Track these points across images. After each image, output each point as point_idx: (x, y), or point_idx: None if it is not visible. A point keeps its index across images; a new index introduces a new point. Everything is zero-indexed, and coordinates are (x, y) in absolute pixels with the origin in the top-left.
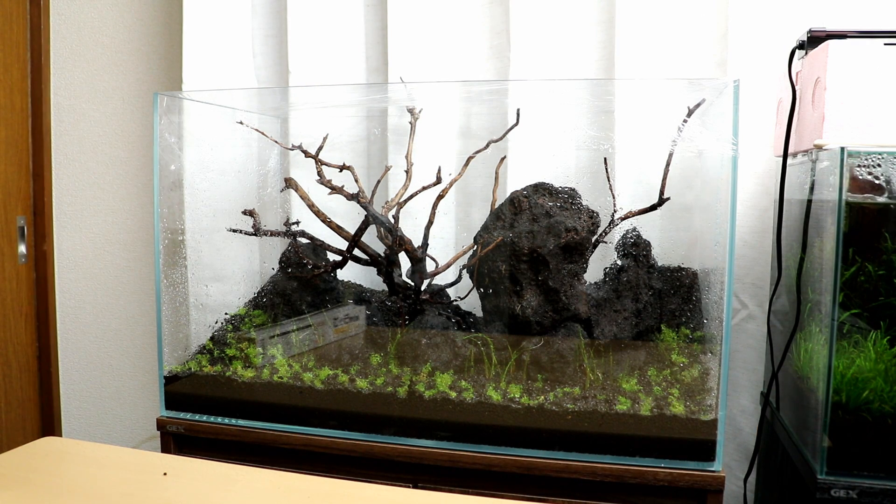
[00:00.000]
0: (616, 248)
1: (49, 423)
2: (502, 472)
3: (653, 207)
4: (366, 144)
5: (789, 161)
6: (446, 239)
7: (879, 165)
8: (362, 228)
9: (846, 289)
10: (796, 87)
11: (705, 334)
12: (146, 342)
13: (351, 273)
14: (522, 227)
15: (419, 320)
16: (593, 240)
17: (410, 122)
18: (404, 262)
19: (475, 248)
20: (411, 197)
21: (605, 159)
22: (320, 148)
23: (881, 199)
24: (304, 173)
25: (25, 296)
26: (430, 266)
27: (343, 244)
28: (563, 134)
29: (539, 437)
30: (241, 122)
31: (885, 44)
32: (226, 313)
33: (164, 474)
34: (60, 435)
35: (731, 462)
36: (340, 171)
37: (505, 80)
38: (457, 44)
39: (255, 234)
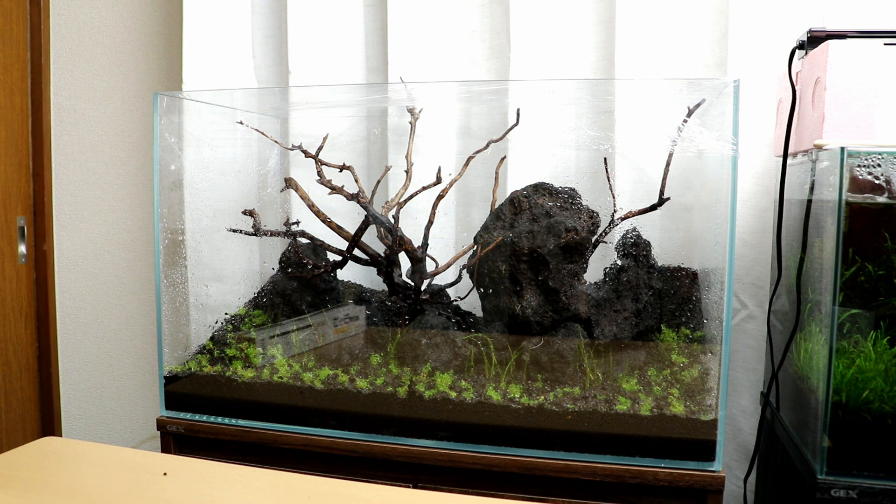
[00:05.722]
0: (616, 248)
1: (49, 423)
2: (502, 472)
3: (653, 207)
4: (366, 144)
5: (789, 161)
6: (446, 239)
7: (879, 165)
8: (362, 228)
9: (846, 289)
10: (796, 88)
11: (705, 334)
12: (146, 342)
13: (351, 273)
14: (522, 227)
15: (419, 320)
16: (593, 240)
17: (410, 122)
18: (404, 262)
19: (475, 248)
20: (411, 197)
21: (605, 159)
22: (320, 148)
23: (881, 199)
24: (304, 173)
25: (25, 296)
26: (430, 266)
27: (343, 244)
28: (563, 134)
29: (539, 437)
30: (241, 122)
31: (885, 44)
32: (226, 313)
33: (164, 474)
34: (60, 435)
35: (731, 462)
36: (340, 171)
37: (505, 80)
38: (457, 44)
39: (255, 234)
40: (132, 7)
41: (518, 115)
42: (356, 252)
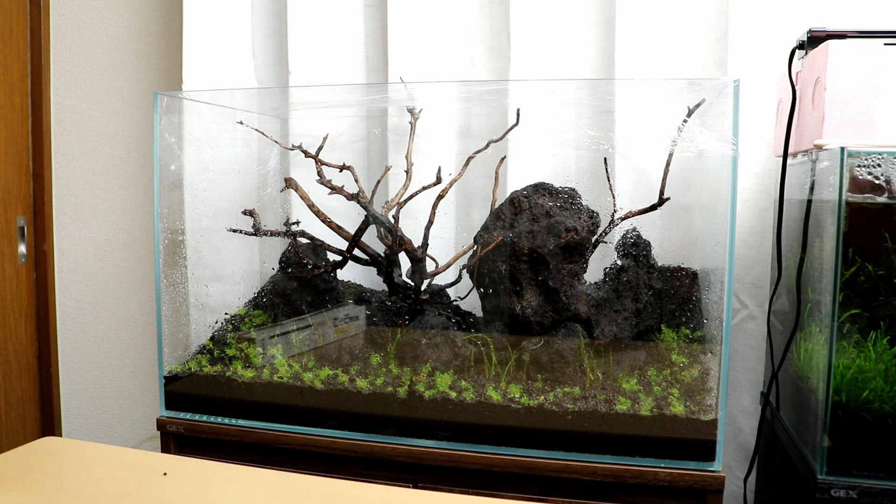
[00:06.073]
0: (616, 248)
1: (49, 423)
2: (502, 472)
3: (653, 207)
4: (366, 144)
5: (789, 161)
6: (446, 239)
7: (879, 165)
8: (362, 228)
9: (846, 289)
10: (796, 87)
11: (705, 334)
12: (146, 342)
13: (351, 273)
14: (522, 227)
15: (419, 320)
16: (593, 240)
17: (410, 122)
18: (404, 262)
19: (475, 248)
20: (411, 197)
21: (605, 159)
22: (320, 148)
23: (881, 199)
24: (304, 173)
25: (25, 296)
26: (430, 266)
27: (343, 244)
28: (563, 134)
29: (539, 437)
30: (241, 122)
31: (885, 44)
32: (226, 313)
33: (164, 474)
34: (60, 435)
35: (731, 462)
36: (340, 171)
37: (505, 80)
38: (457, 44)
39: (255, 234)
40: (132, 7)
41: (518, 115)
42: (356, 252)
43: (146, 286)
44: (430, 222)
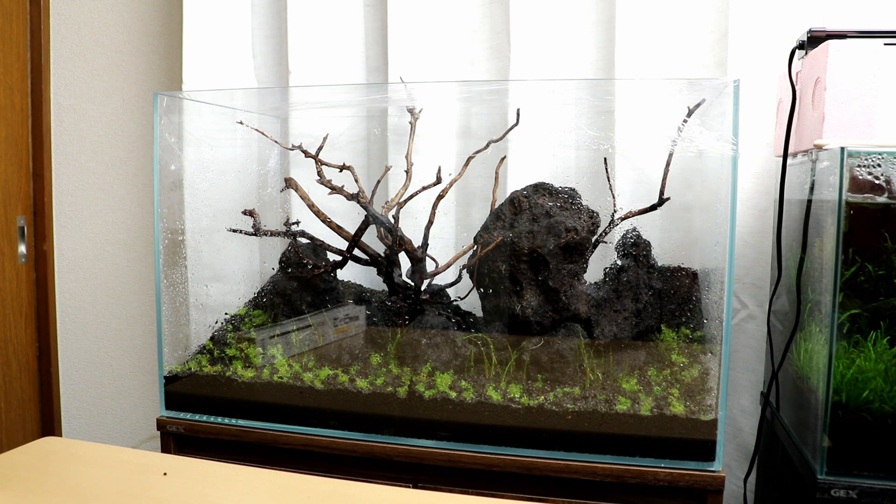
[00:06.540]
0: (616, 248)
1: (49, 423)
2: (502, 472)
3: (653, 207)
4: (366, 144)
5: (789, 161)
6: (446, 239)
7: (879, 165)
8: (362, 228)
9: (846, 289)
10: (796, 87)
11: (705, 334)
12: (146, 342)
13: (351, 273)
14: (522, 227)
15: (419, 320)
16: (593, 240)
17: (410, 122)
18: (404, 262)
19: (475, 248)
20: (411, 197)
21: (605, 159)
22: (320, 148)
23: (881, 199)
24: (304, 173)
25: (25, 296)
26: (430, 266)
27: (343, 244)
28: (563, 134)
29: (539, 437)
30: (241, 122)
31: (885, 44)
32: (226, 313)
33: (164, 474)
34: (60, 435)
35: (731, 462)
36: (340, 171)
37: (505, 80)
38: (457, 44)
39: (255, 234)
40: (132, 7)
41: (518, 115)
42: (356, 252)
43: (146, 286)
44: (430, 222)
